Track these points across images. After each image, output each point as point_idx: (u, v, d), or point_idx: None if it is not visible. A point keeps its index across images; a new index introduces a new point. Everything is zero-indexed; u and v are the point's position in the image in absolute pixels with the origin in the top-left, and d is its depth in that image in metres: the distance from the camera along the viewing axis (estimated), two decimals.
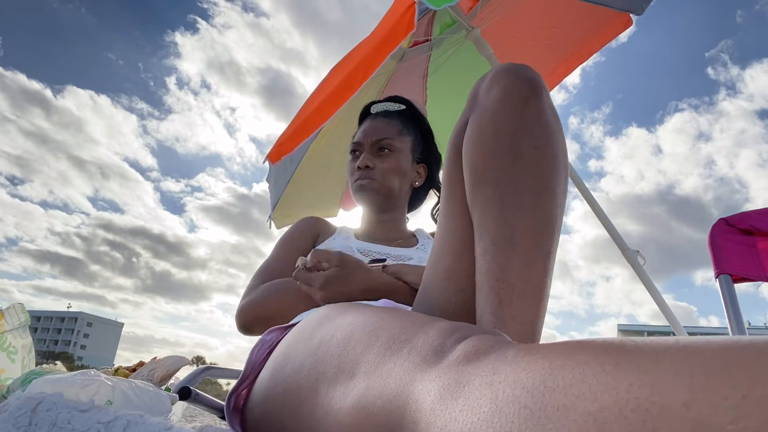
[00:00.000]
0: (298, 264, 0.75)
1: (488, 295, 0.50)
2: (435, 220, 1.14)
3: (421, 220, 1.18)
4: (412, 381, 0.31)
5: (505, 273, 0.49)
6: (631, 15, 2.06)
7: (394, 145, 1.00)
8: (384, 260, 0.82)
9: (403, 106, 1.06)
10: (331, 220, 1.11)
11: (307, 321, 0.56)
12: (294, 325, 0.63)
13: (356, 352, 0.40)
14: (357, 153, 1.02)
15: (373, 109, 1.07)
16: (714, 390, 0.17)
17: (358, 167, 0.99)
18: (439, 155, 1.12)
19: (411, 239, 1.05)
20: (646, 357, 0.20)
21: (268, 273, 0.91)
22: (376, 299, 0.73)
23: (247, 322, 0.82)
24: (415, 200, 1.11)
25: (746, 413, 0.15)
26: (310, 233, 1.02)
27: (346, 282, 0.72)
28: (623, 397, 0.18)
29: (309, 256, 0.75)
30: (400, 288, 0.77)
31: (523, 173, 0.51)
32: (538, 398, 0.21)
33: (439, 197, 1.14)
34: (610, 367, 0.20)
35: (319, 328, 0.50)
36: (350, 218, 2.42)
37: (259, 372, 0.61)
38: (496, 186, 0.52)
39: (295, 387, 0.47)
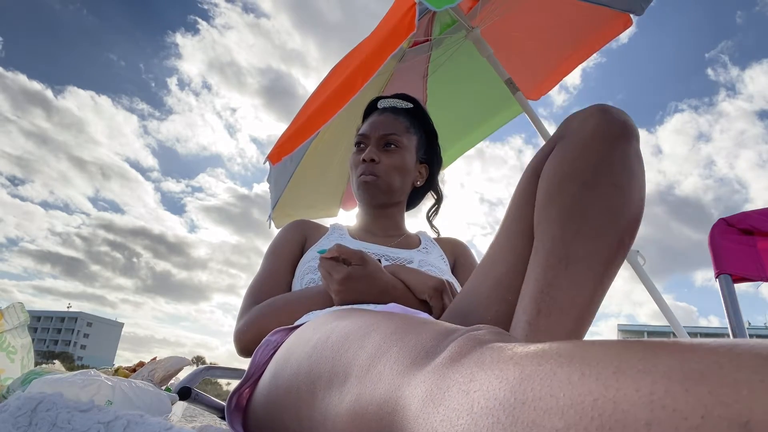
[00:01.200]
0: (317, 252, 0.74)
1: (528, 305, 0.51)
2: (430, 223, 1.14)
3: (421, 220, 1.18)
4: (400, 386, 0.31)
5: (551, 287, 0.50)
6: (631, 15, 2.06)
7: (401, 142, 0.99)
8: (378, 261, 0.82)
9: (410, 105, 1.06)
10: (329, 220, 1.11)
11: (308, 325, 0.56)
12: (298, 326, 0.63)
13: (349, 356, 0.40)
14: (362, 146, 1.01)
15: (381, 104, 1.06)
16: (674, 409, 0.17)
17: (363, 160, 0.97)
18: (441, 157, 1.12)
19: (411, 240, 1.04)
20: (610, 368, 0.20)
21: (259, 290, 0.89)
22: (388, 302, 0.73)
23: (246, 345, 0.80)
24: (413, 200, 1.11)
25: None
26: (297, 239, 1.00)
27: (366, 281, 0.71)
28: (588, 414, 0.19)
29: (330, 249, 0.73)
30: (410, 295, 0.76)
31: (594, 204, 0.53)
32: (509, 412, 0.22)
33: (436, 200, 1.14)
34: (576, 379, 0.20)
35: (316, 331, 0.50)
36: (349, 217, 2.42)
37: (263, 372, 0.61)
38: (563, 209, 0.53)
39: (295, 389, 0.47)
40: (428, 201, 1.15)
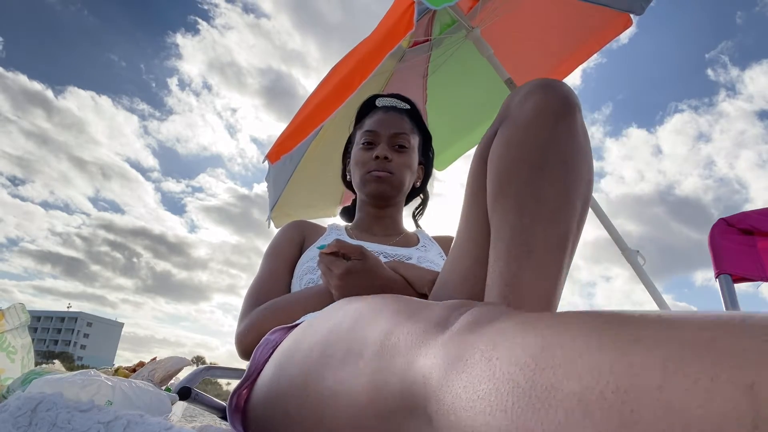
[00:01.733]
0: (317, 248, 0.74)
1: (497, 299, 0.50)
2: (416, 222, 1.15)
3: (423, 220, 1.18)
4: (417, 355, 0.31)
5: (516, 279, 0.49)
6: (631, 15, 2.05)
7: (409, 141, 1.00)
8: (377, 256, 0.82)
9: (408, 106, 1.06)
10: (328, 220, 1.11)
11: (315, 317, 0.56)
12: (297, 325, 0.63)
13: (363, 332, 0.40)
14: (371, 144, 1.00)
15: (381, 103, 1.06)
16: (685, 373, 0.18)
17: (377, 157, 0.96)
18: (433, 160, 1.13)
19: (410, 238, 1.04)
20: (627, 336, 0.21)
21: (259, 293, 0.89)
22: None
23: (248, 348, 0.80)
24: (408, 200, 1.12)
25: (713, 397, 0.16)
26: (295, 240, 1.00)
27: (365, 276, 0.71)
28: (605, 378, 0.19)
29: (329, 244, 0.73)
30: (410, 290, 0.76)
31: (546, 186, 0.52)
32: (529, 377, 0.22)
33: (422, 200, 1.15)
34: (594, 346, 0.21)
35: (327, 319, 0.50)
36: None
37: (261, 371, 0.61)
38: (517, 196, 0.52)
39: (303, 373, 0.46)
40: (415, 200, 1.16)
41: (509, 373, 0.23)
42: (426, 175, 1.10)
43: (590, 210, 1.94)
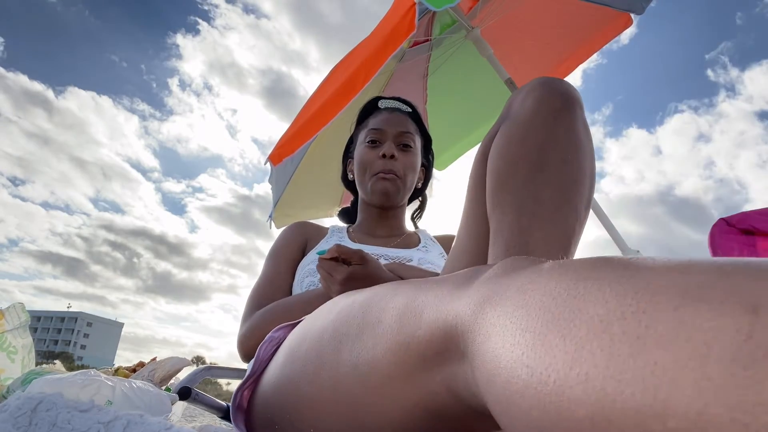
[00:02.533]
0: (317, 253, 0.74)
1: None
2: (415, 224, 1.15)
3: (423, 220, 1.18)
4: (449, 303, 0.32)
5: None
6: (631, 15, 2.05)
7: (414, 142, 1.00)
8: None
9: (410, 109, 1.07)
10: (329, 221, 1.10)
11: (325, 304, 0.55)
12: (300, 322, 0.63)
13: (380, 307, 0.39)
14: (377, 142, 0.99)
15: (384, 104, 1.06)
16: (701, 297, 0.19)
17: (383, 155, 0.96)
18: (433, 162, 1.13)
19: (411, 239, 1.04)
20: (654, 271, 0.22)
21: (261, 295, 0.89)
22: None
23: (250, 351, 0.79)
24: (409, 201, 1.12)
25: (721, 314, 0.18)
26: (297, 241, 0.99)
27: (366, 280, 0.71)
28: (627, 302, 0.21)
29: (329, 249, 0.73)
30: None
31: (546, 185, 0.51)
32: (560, 303, 0.24)
33: (420, 201, 1.15)
34: (625, 279, 0.23)
35: (337, 303, 0.49)
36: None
37: (264, 370, 0.61)
38: (517, 194, 0.52)
39: (315, 355, 0.45)
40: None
41: (542, 302, 0.25)
42: (426, 177, 1.10)
43: (590, 210, 1.94)
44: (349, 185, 1.12)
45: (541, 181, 0.51)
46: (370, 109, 1.08)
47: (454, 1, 1.36)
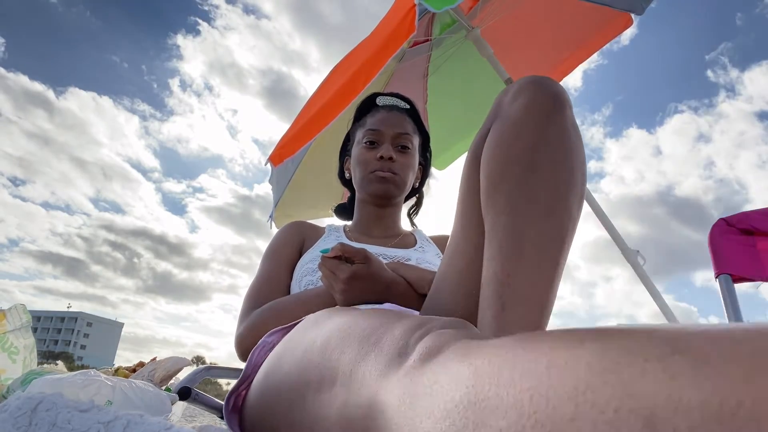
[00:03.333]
0: (320, 251, 0.74)
1: (491, 300, 0.50)
2: (412, 221, 1.15)
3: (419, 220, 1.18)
4: (378, 390, 0.32)
5: (511, 279, 0.49)
6: (631, 15, 2.05)
7: (413, 142, 1.00)
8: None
9: (408, 105, 1.06)
10: (327, 221, 1.10)
11: (298, 327, 0.56)
12: (293, 326, 0.63)
13: (333, 359, 0.40)
14: (375, 143, 0.99)
15: (381, 101, 1.05)
16: (593, 404, 0.18)
17: (381, 157, 0.96)
18: (430, 160, 1.13)
19: (408, 239, 1.03)
20: (544, 363, 0.21)
21: (258, 294, 0.88)
22: (391, 299, 0.73)
23: (247, 350, 0.79)
24: (405, 199, 1.11)
25: (617, 428, 0.17)
26: (295, 240, 0.99)
27: (369, 279, 0.71)
28: (526, 412, 0.20)
29: (333, 248, 0.73)
30: (411, 291, 0.76)
31: (539, 185, 0.52)
32: (462, 413, 0.23)
33: (417, 199, 1.15)
34: (517, 377, 0.22)
35: (305, 335, 0.50)
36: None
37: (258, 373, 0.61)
38: (510, 195, 0.52)
39: (286, 391, 0.47)
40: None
41: (446, 410, 0.24)
42: (423, 175, 1.10)
43: (590, 210, 1.94)
44: (347, 183, 1.12)
45: (533, 182, 0.52)
46: (368, 106, 1.07)
47: (454, 2, 1.36)
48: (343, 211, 1.16)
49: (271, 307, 0.82)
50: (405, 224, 1.11)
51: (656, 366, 0.17)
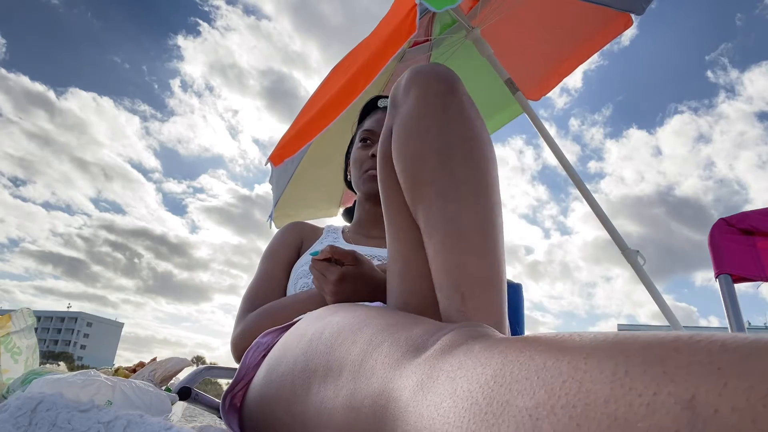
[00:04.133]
0: (310, 254, 0.74)
1: (450, 293, 0.49)
2: None
3: None
4: (392, 378, 0.32)
5: (462, 269, 0.49)
6: (631, 15, 2.06)
7: None
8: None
9: None
10: (326, 221, 1.10)
11: (303, 320, 0.56)
12: (291, 326, 0.63)
13: (342, 350, 0.40)
14: (369, 142, 1.00)
15: (382, 103, 1.06)
16: (631, 388, 0.18)
17: (373, 155, 0.96)
18: None
19: None
20: (581, 353, 0.21)
21: (255, 296, 0.89)
22: (381, 300, 0.73)
23: (243, 352, 0.80)
24: None
25: (655, 410, 0.17)
26: (293, 242, 1.00)
27: (360, 281, 0.71)
28: (556, 393, 0.20)
29: (322, 250, 0.73)
30: None
31: (458, 166, 0.51)
32: (487, 393, 0.23)
33: None
34: (551, 363, 0.22)
35: (310, 327, 0.50)
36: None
37: (255, 373, 0.61)
38: (434, 183, 0.52)
39: (289, 383, 0.47)
40: None
41: (469, 391, 0.24)
42: None
43: (590, 210, 1.94)
44: (350, 184, 1.13)
45: (453, 164, 0.51)
46: (369, 108, 1.08)
47: (455, 2, 1.36)
48: (349, 214, 1.17)
49: (266, 310, 0.82)
50: None
51: (703, 359, 0.17)
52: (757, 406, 0.15)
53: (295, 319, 0.71)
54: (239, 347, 0.80)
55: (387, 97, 1.07)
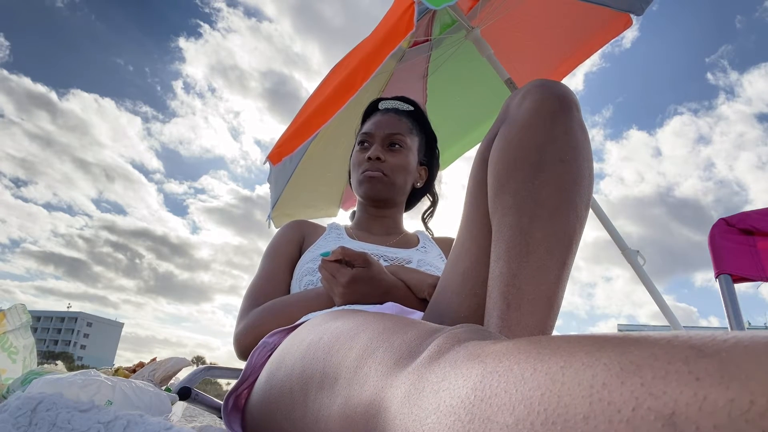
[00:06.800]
0: (320, 254, 0.74)
1: (497, 300, 0.50)
2: (426, 225, 1.15)
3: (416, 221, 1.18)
4: (383, 387, 0.32)
5: (516, 279, 0.50)
6: (631, 15, 2.05)
7: (405, 142, 1.00)
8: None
9: (411, 107, 1.07)
10: (325, 220, 1.10)
11: (303, 326, 0.57)
12: (296, 327, 0.63)
13: (339, 356, 0.40)
14: (366, 144, 1.01)
15: (382, 105, 1.06)
16: (609, 402, 0.18)
17: (369, 158, 0.97)
18: (439, 161, 1.13)
19: (410, 239, 1.04)
20: (558, 362, 0.21)
21: (258, 293, 0.89)
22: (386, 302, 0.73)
23: (246, 349, 0.79)
24: (411, 201, 1.11)
25: (635, 427, 0.16)
26: (295, 240, 1.00)
27: (369, 283, 0.71)
28: (535, 409, 0.20)
29: (333, 251, 0.73)
30: (411, 295, 0.76)
31: (545, 185, 0.52)
32: (468, 409, 0.23)
33: (432, 202, 1.14)
34: (529, 375, 0.21)
35: (310, 333, 0.50)
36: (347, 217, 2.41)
37: (260, 374, 0.61)
38: (516, 195, 0.53)
39: (288, 390, 0.47)
40: (425, 202, 1.15)
41: (451, 406, 0.24)
42: (430, 176, 1.10)
43: (590, 211, 1.94)
44: None
45: (540, 182, 0.52)
46: (370, 111, 1.09)
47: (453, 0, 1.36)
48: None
49: (269, 307, 0.82)
50: (409, 226, 1.11)
51: (680, 367, 0.17)
52: (739, 422, 0.14)
53: (300, 320, 0.71)
54: (242, 343, 0.80)
55: (389, 98, 1.07)
